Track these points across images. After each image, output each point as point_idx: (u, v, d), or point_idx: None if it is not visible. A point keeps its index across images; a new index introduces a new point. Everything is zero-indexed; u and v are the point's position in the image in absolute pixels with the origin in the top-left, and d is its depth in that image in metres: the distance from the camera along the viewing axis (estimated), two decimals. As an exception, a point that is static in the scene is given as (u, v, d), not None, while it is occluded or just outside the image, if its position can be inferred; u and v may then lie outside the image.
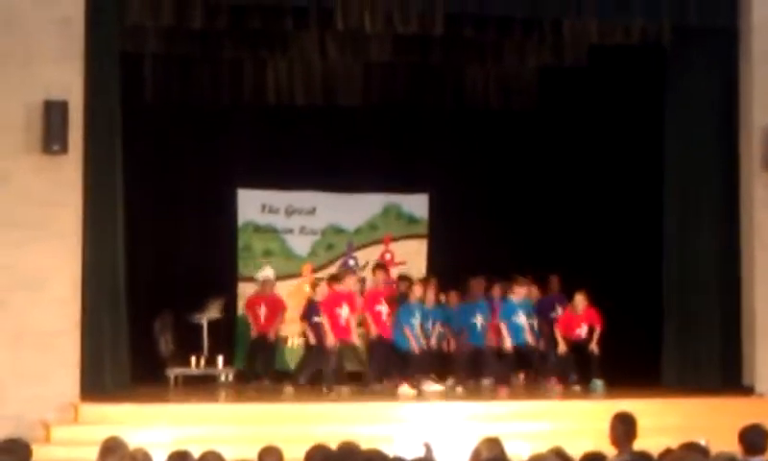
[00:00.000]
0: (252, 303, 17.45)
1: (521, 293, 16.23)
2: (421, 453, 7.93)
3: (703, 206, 16.02)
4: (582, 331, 16.48)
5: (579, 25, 15.78)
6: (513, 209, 18.68)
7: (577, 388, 16.12)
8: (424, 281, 16.73)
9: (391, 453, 7.16)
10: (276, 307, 17.33)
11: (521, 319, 16.15)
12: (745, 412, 11.80)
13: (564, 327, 16.61)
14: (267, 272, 17.73)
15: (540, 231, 18.44)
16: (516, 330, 16.10)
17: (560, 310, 17.02)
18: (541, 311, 17.06)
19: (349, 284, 15.96)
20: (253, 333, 17.27)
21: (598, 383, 16.12)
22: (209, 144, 18.13)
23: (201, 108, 17.82)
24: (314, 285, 17.04)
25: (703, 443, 7.66)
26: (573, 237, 18.29)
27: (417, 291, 16.24)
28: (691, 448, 7.44)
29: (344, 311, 15.67)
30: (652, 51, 16.20)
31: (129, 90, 15.60)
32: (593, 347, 16.29)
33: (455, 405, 14.71)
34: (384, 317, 15.94)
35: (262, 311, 17.26)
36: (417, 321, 16.04)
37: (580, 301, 16.50)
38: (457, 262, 17.85)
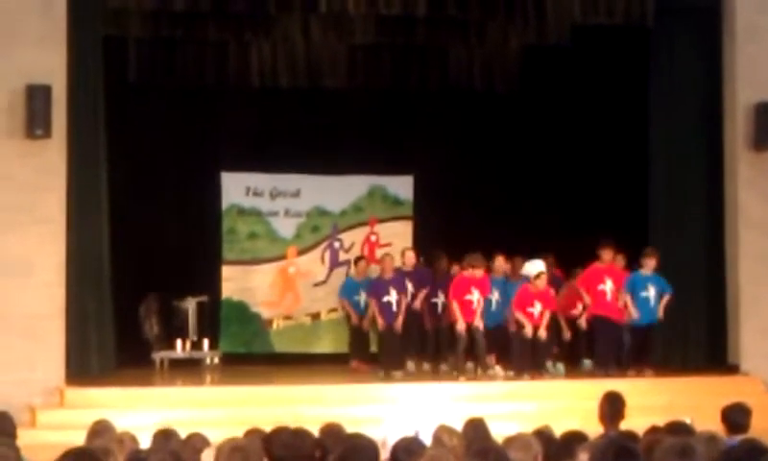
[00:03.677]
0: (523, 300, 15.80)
1: (651, 265, 15.63)
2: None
3: (688, 185, 16.04)
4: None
5: (562, 4, 15.75)
6: (497, 190, 18.62)
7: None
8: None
9: (380, 434, 7.16)
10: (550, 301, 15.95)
11: (651, 292, 15.63)
12: (729, 391, 11.86)
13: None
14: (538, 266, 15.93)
15: (524, 212, 18.40)
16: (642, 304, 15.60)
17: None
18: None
19: (478, 272, 15.72)
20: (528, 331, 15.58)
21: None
22: (193, 127, 18.05)
23: (184, 91, 17.72)
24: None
25: (688, 421, 7.69)
26: (558, 218, 18.26)
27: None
28: (676, 427, 7.46)
29: (474, 296, 15.60)
30: (636, 30, 16.17)
31: (112, 74, 15.55)
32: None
33: (443, 386, 14.75)
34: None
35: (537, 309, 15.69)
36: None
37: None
38: (442, 243, 17.80)
